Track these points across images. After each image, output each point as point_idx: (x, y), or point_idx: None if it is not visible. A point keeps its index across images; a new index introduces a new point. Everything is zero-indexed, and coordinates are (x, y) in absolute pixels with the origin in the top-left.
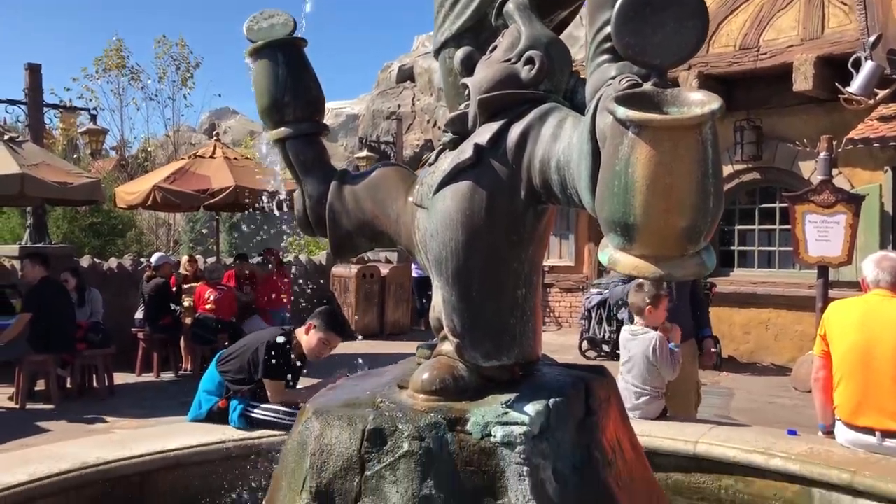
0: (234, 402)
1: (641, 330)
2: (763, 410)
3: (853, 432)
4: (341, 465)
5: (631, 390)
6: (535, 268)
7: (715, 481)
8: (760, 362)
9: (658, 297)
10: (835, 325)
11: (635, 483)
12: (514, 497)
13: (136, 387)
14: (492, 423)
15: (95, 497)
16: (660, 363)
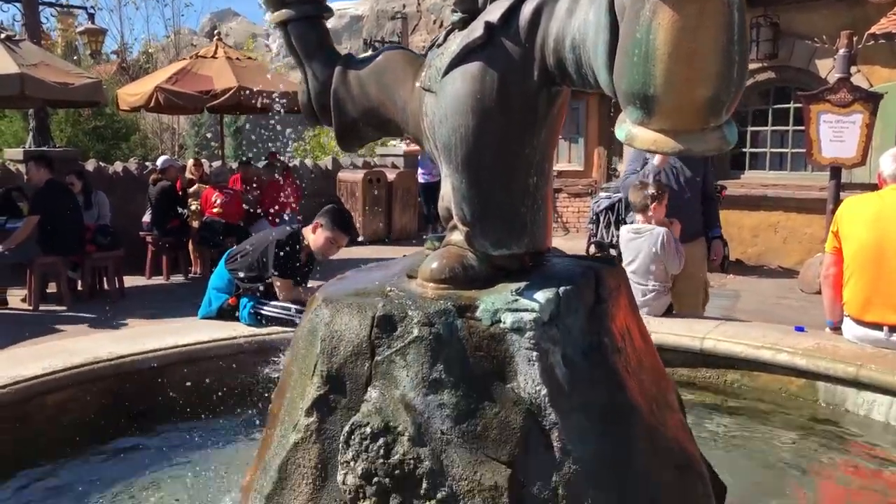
0: (245, 300)
1: (646, 227)
2: (770, 312)
3: (861, 328)
4: (351, 350)
5: (637, 288)
6: (546, 155)
7: (721, 376)
8: (768, 265)
9: (661, 193)
10: (848, 222)
11: (644, 370)
12: (523, 381)
13: (146, 289)
14: (501, 310)
15: (109, 390)
16: (667, 257)
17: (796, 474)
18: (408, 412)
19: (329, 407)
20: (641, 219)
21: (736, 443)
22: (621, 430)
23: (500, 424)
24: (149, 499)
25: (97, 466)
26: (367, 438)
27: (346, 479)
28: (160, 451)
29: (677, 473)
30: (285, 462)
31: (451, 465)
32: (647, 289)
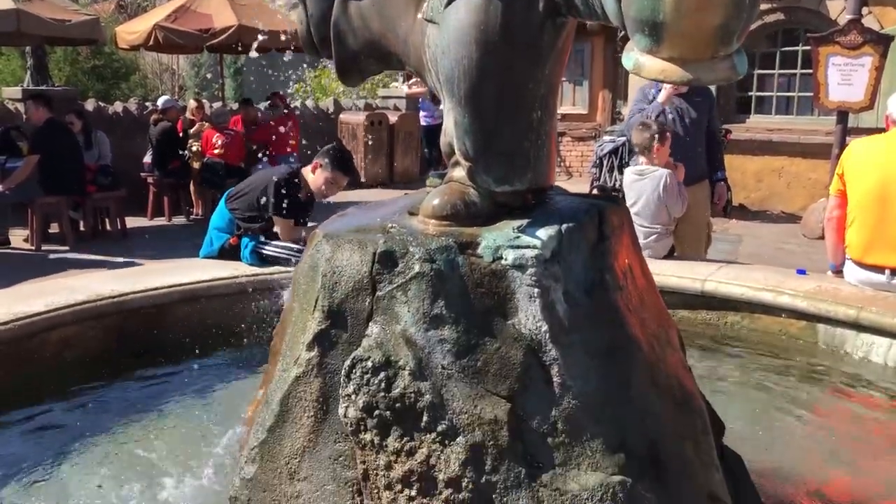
0: (246, 240)
1: (650, 168)
2: (771, 256)
3: (863, 271)
4: (352, 286)
5: (640, 230)
6: (551, 89)
7: (721, 318)
8: (771, 210)
9: (664, 134)
10: (853, 164)
11: (645, 308)
12: (523, 317)
13: (148, 230)
14: (503, 247)
15: (112, 327)
16: (670, 199)
17: (794, 414)
18: (409, 347)
19: (330, 341)
20: (645, 160)
21: (735, 383)
22: (621, 366)
23: (501, 360)
24: (153, 433)
25: (101, 401)
26: (368, 372)
27: (348, 411)
28: (164, 387)
29: (677, 410)
30: (287, 395)
31: (452, 398)
32: (649, 231)
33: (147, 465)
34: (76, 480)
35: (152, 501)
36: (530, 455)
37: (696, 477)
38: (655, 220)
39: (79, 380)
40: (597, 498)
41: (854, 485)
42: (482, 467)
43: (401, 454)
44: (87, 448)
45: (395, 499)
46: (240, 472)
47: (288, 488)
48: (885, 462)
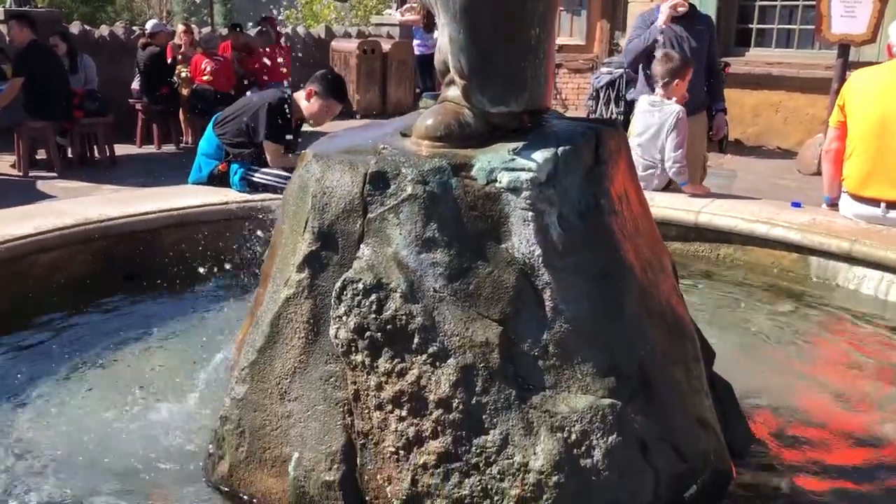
0: (235, 166)
1: (664, 102)
2: (766, 192)
3: (858, 204)
4: (343, 207)
5: (640, 162)
6: (550, 6)
7: (714, 250)
8: (766, 146)
9: (686, 67)
10: (854, 95)
11: (640, 234)
12: (517, 241)
13: (137, 158)
14: (497, 169)
15: (100, 252)
16: (672, 137)
17: (784, 345)
18: (400, 270)
19: (321, 263)
20: (661, 93)
21: (726, 314)
22: (614, 290)
23: (493, 283)
24: (143, 356)
25: (90, 325)
26: (359, 294)
27: (339, 333)
28: (153, 311)
29: (668, 335)
30: (277, 317)
31: (443, 321)
32: (648, 164)
33: (137, 387)
34: (64, 403)
35: (142, 422)
36: (521, 377)
37: (685, 402)
38: (658, 154)
39: (68, 303)
40: (586, 420)
41: (843, 414)
42: (473, 389)
43: (391, 375)
44: (76, 371)
45: (385, 419)
46: (230, 392)
47: (278, 408)
48: (875, 392)
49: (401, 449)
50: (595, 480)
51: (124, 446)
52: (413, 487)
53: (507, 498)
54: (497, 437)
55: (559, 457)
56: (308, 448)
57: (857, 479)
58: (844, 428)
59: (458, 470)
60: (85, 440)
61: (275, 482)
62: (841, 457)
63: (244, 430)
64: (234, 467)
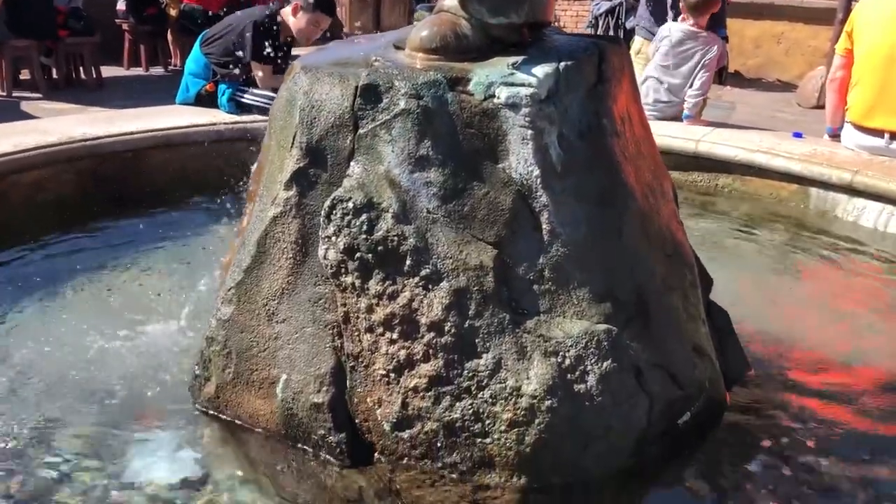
0: (223, 87)
1: (701, 34)
2: (764, 124)
3: (861, 134)
4: (332, 121)
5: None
6: None
7: (712, 180)
8: (766, 78)
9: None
10: (863, 21)
11: (641, 157)
12: (515, 161)
13: (124, 80)
14: (496, 84)
15: (86, 172)
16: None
17: (782, 276)
18: (392, 189)
19: (309, 181)
20: (692, 22)
21: (723, 245)
22: (614, 214)
23: (489, 205)
24: (129, 278)
25: (76, 246)
26: (349, 213)
27: (328, 253)
28: (140, 233)
29: (667, 261)
30: (264, 236)
31: (436, 243)
32: (664, 88)
33: (123, 309)
34: (48, 325)
35: (129, 345)
36: (515, 301)
37: (682, 329)
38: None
39: (53, 224)
40: (581, 346)
41: (839, 342)
42: (466, 312)
43: (382, 297)
44: (61, 292)
45: (376, 342)
46: (216, 312)
47: (266, 330)
48: (872, 324)
49: (391, 372)
50: (588, 405)
51: (111, 369)
52: (403, 410)
53: (498, 422)
54: (489, 362)
55: (552, 381)
56: (296, 370)
57: (852, 403)
58: (839, 355)
59: (450, 393)
60: (72, 362)
61: (262, 404)
62: (836, 383)
63: (231, 351)
64: (221, 389)
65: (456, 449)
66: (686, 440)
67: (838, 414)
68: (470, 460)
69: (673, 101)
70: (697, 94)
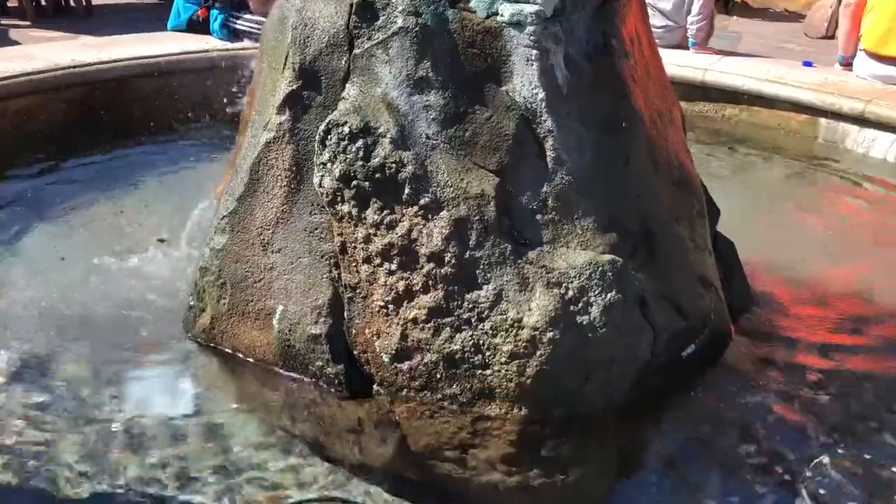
0: (215, 12)
1: None
2: (771, 55)
3: (875, 62)
4: (327, 40)
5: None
6: None
7: (719, 110)
8: (773, 7)
9: None
10: None
11: (651, 81)
12: (518, 83)
13: (116, 8)
14: (499, 1)
15: (75, 100)
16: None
17: (789, 207)
18: (390, 112)
19: (303, 104)
20: None
21: (730, 176)
22: (621, 140)
23: (491, 130)
24: (120, 207)
25: (66, 175)
26: (344, 139)
27: (323, 181)
28: (132, 162)
29: (674, 190)
30: (257, 162)
31: (436, 171)
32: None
33: (114, 237)
34: (41, 254)
35: (120, 275)
36: (517, 232)
37: (688, 259)
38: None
39: (43, 153)
40: (584, 276)
41: (843, 273)
42: (466, 242)
43: (380, 227)
44: (52, 222)
45: (373, 272)
46: (209, 242)
47: (261, 260)
48: (878, 256)
49: (390, 303)
50: (591, 337)
51: (107, 299)
52: (403, 342)
53: (499, 353)
54: (490, 293)
55: (555, 313)
56: (293, 301)
57: (857, 334)
58: (846, 287)
59: (450, 325)
60: (67, 293)
61: (259, 335)
62: (841, 314)
63: (225, 281)
64: (216, 320)
65: (455, 381)
66: (689, 372)
67: (842, 346)
68: (470, 392)
69: (669, 24)
70: (698, 18)
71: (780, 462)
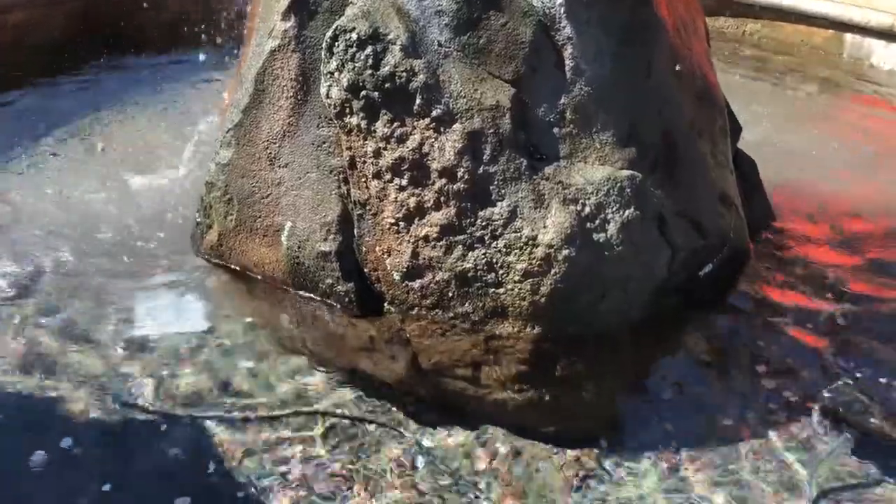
0: None
1: None
2: None
3: None
4: None
5: None
6: None
7: (740, 26)
8: None
9: None
10: None
11: None
12: None
13: None
14: None
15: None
16: None
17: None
18: (400, 18)
19: (309, 10)
20: None
21: (750, 93)
22: (642, 50)
23: (507, 38)
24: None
25: (67, 91)
26: (353, 46)
27: (330, 91)
28: (134, 79)
29: (696, 103)
30: (262, 73)
31: (449, 80)
32: None
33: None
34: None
35: (126, 193)
36: (533, 146)
37: (709, 176)
38: None
39: (42, 68)
40: (602, 193)
41: (867, 198)
42: (480, 157)
43: (390, 140)
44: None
45: (384, 188)
46: (215, 156)
47: (268, 175)
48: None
49: (401, 220)
50: (608, 255)
51: (113, 218)
52: (414, 260)
53: (512, 272)
54: (504, 210)
55: (570, 230)
56: (301, 217)
57: (876, 253)
58: (867, 207)
59: (462, 243)
60: (69, 211)
61: (267, 252)
62: (861, 234)
63: (232, 197)
64: (224, 237)
65: (468, 299)
66: (707, 290)
67: (861, 266)
68: (482, 310)
69: None
70: None
71: (796, 382)
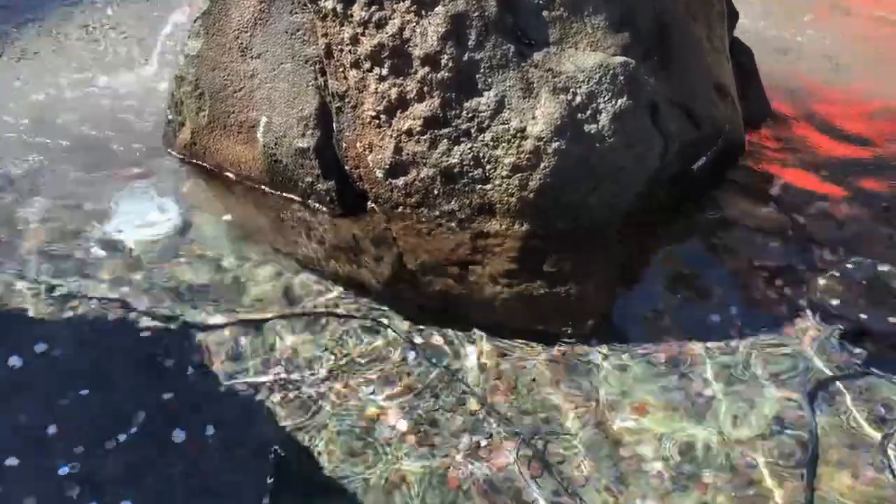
0: None
1: None
2: None
3: None
4: None
5: None
6: None
7: None
8: None
9: None
10: None
11: None
12: None
13: None
14: None
15: None
16: None
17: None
18: None
19: None
20: None
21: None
22: None
23: None
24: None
25: None
26: None
27: None
28: None
29: None
30: None
31: None
32: None
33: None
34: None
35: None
36: (521, 31)
37: (704, 63)
38: None
39: None
40: (594, 80)
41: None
42: (465, 43)
43: (369, 26)
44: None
45: (363, 78)
46: (184, 48)
47: (240, 66)
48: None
49: (382, 113)
50: (599, 147)
51: (85, 117)
52: (397, 155)
53: (500, 166)
54: (491, 100)
55: (560, 121)
56: (277, 112)
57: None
58: (866, 102)
59: (447, 136)
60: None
61: (243, 150)
62: (861, 128)
63: (203, 91)
64: (197, 134)
65: (454, 196)
66: (699, 183)
67: (857, 162)
68: (469, 208)
69: None
70: None
71: (789, 274)
